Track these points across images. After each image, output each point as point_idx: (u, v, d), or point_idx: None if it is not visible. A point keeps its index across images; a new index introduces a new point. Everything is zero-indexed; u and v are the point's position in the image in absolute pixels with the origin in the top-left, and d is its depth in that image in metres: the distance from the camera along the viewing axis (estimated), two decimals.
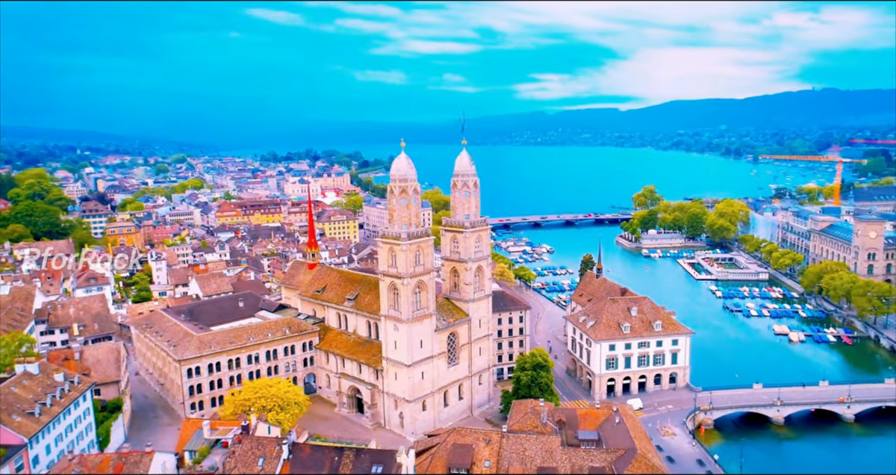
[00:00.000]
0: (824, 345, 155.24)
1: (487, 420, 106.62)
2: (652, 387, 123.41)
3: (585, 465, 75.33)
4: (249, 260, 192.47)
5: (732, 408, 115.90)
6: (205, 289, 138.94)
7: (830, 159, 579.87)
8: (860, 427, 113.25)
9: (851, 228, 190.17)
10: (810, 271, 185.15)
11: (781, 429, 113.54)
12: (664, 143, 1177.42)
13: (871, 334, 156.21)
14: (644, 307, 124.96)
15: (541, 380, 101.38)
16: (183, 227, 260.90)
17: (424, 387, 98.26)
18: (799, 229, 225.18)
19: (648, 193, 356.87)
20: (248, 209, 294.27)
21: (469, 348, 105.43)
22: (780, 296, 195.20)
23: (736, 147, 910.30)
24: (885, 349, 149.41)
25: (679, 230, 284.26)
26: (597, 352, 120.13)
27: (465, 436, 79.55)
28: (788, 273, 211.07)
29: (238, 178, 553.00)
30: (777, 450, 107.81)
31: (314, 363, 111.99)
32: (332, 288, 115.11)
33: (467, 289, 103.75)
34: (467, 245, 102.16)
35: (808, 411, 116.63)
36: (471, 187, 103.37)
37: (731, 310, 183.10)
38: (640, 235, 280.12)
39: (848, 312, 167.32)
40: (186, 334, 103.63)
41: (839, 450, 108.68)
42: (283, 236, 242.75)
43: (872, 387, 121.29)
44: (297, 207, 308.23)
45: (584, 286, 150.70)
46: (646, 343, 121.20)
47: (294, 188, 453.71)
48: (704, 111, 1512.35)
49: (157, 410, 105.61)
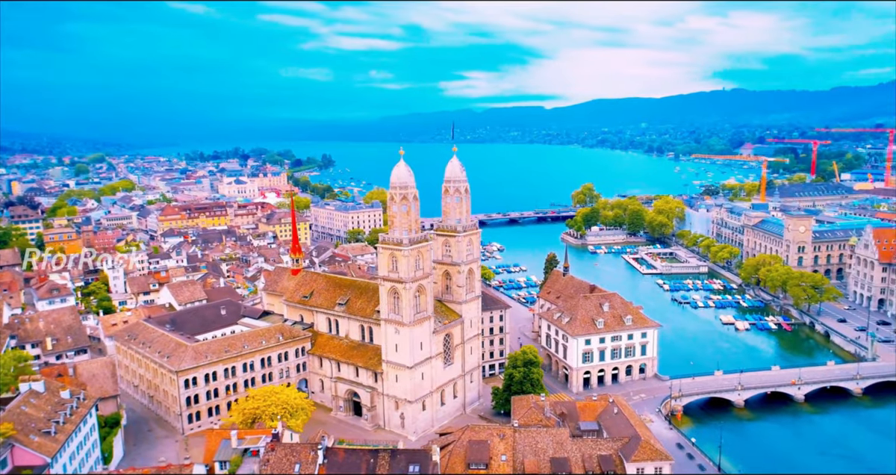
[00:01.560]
0: (766, 332, 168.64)
1: (481, 416, 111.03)
2: (624, 378, 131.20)
3: (594, 454, 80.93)
4: (209, 265, 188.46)
5: (699, 394, 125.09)
6: (178, 297, 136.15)
7: (747, 158, 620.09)
8: (809, 406, 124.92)
9: (782, 223, 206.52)
10: (748, 264, 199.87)
11: (742, 411, 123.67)
12: (590, 140, 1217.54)
13: (806, 321, 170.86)
14: (615, 303, 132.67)
15: (532, 375, 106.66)
16: (126, 233, 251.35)
17: (424, 387, 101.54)
18: (733, 224, 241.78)
19: (587, 191, 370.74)
20: (192, 212, 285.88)
21: (462, 348, 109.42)
22: (721, 287, 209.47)
23: (658, 145, 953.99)
24: (820, 334, 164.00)
25: (620, 226, 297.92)
26: (573, 346, 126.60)
27: (480, 433, 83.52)
28: (726, 266, 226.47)
29: (167, 178, 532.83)
30: (741, 430, 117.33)
31: (307, 368, 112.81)
32: (321, 293, 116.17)
33: (460, 291, 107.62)
34: (459, 249, 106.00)
35: (764, 393, 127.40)
36: (462, 193, 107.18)
37: (679, 302, 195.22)
38: (585, 232, 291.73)
39: (784, 301, 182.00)
40: (179, 345, 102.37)
41: (793, 427, 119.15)
42: (234, 239, 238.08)
43: (817, 369, 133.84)
44: (243, 210, 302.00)
45: (551, 284, 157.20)
46: (618, 336, 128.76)
47: (230, 189, 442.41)
48: (625, 110, 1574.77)
49: (149, 423, 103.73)
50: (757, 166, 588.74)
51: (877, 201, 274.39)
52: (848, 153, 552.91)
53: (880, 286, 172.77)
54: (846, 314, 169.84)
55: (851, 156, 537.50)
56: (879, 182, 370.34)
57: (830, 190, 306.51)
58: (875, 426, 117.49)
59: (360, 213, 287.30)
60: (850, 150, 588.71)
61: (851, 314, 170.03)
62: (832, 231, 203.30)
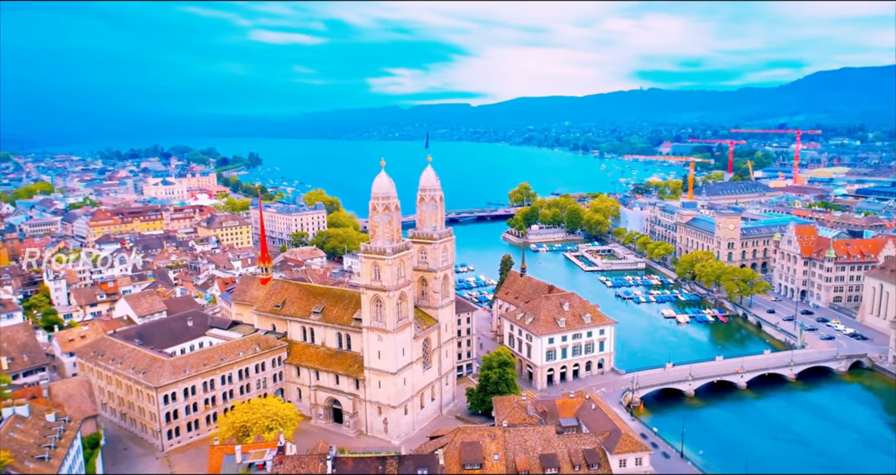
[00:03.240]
0: (704, 324, 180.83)
1: (458, 417, 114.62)
2: (584, 373, 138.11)
3: (579, 449, 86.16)
4: (155, 273, 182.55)
5: (654, 385, 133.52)
6: (137, 309, 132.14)
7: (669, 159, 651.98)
8: (751, 392, 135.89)
9: (713, 221, 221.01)
10: (684, 260, 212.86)
11: (693, 399, 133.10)
12: (516, 138, 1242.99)
13: (739, 312, 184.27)
14: (574, 302, 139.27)
15: (507, 376, 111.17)
16: (56, 240, 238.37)
17: (406, 392, 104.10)
18: (666, 222, 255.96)
19: (524, 190, 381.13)
20: (125, 217, 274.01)
21: (439, 352, 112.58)
22: (659, 282, 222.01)
23: (582, 143, 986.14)
24: (752, 324, 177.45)
25: (559, 225, 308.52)
26: (538, 345, 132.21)
27: (471, 434, 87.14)
28: (662, 262, 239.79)
29: (87, 180, 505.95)
30: (695, 417, 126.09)
31: (283, 378, 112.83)
32: (294, 302, 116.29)
33: (436, 297, 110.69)
34: (435, 255, 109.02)
35: (711, 382, 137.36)
36: (437, 201, 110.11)
37: (622, 297, 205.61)
38: (527, 231, 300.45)
39: (718, 295, 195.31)
40: (154, 359, 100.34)
41: (740, 412, 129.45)
42: (175, 245, 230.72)
43: (756, 358, 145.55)
44: (179, 213, 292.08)
45: (508, 284, 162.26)
46: (579, 334, 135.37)
47: (157, 191, 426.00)
48: (549, 108, 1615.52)
49: (124, 441, 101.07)
50: (677, 164, 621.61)
51: (791, 199, 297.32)
52: (758, 151, 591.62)
53: (802, 278, 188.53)
54: (774, 305, 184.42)
55: (761, 154, 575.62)
56: (789, 180, 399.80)
57: (750, 188, 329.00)
58: (809, 409, 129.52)
59: (303, 215, 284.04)
60: (759, 149, 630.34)
61: (778, 305, 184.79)
62: (758, 228, 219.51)
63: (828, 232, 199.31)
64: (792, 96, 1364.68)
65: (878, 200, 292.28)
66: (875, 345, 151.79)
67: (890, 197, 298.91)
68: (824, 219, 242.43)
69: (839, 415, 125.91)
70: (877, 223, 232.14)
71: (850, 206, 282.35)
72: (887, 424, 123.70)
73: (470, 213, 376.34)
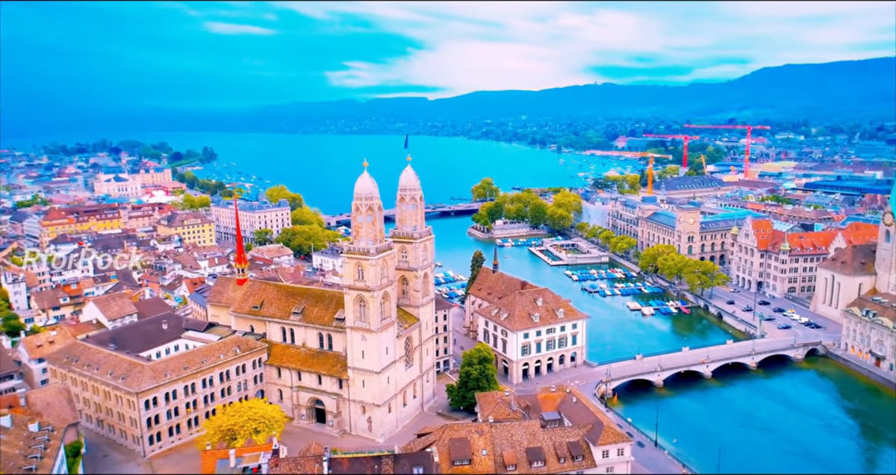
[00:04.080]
0: (668, 316, 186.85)
1: (439, 414, 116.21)
2: (558, 367, 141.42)
3: (563, 441, 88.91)
4: (119, 275, 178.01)
5: (625, 377, 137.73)
6: (107, 312, 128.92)
7: (629, 155, 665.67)
8: (717, 381, 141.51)
9: (674, 216, 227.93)
10: (647, 254, 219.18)
11: (662, 390, 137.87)
12: (475, 132, 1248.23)
13: (700, 304, 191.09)
14: (547, 297, 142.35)
15: (488, 372, 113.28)
16: (7, 240, 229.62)
17: (389, 390, 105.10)
18: (628, 217, 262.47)
19: (486, 185, 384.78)
20: (80, 215, 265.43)
21: (420, 349, 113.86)
22: (623, 276, 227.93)
23: (540, 137, 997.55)
24: (713, 315, 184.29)
25: (523, 220, 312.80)
26: (513, 341, 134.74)
27: (459, 431, 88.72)
28: (624, 255, 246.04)
29: (33, 176, 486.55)
30: (665, 407, 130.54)
31: (263, 379, 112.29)
32: (272, 303, 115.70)
33: (416, 296, 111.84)
34: (416, 255, 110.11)
35: (678, 373, 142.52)
36: (417, 200, 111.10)
37: (589, 291, 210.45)
38: (492, 226, 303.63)
39: (680, 287, 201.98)
40: (133, 364, 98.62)
41: (707, 401, 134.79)
42: (136, 245, 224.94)
43: (720, 348, 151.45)
44: (138, 211, 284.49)
45: (481, 281, 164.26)
46: (553, 329, 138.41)
47: (110, 187, 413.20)
48: (506, 102, 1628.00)
49: (102, 448, 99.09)
50: (633, 159, 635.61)
51: (745, 193, 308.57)
52: (710, 146, 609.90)
53: (759, 270, 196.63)
54: (733, 296, 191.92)
55: (712, 149, 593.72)
56: (741, 174, 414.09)
57: (705, 182, 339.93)
58: (772, 396, 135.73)
59: (267, 212, 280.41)
60: (710, 144, 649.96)
61: (737, 296, 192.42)
62: (716, 222, 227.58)
63: (782, 225, 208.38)
64: (739, 92, 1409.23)
65: (825, 194, 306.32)
66: (828, 333, 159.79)
67: (836, 190, 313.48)
68: (777, 212, 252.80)
69: (799, 401, 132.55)
70: (825, 216, 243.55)
71: (800, 200, 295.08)
72: (843, 409, 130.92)
73: (433, 209, 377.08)
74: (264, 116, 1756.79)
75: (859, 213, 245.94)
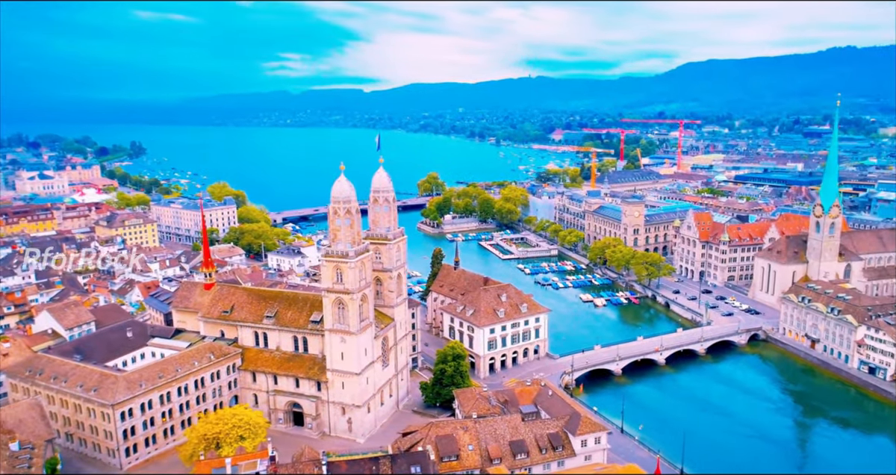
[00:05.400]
0: (619, 306, 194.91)
1: (415, 411, 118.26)
2: (522, 360, 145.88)
3: (544, 433, 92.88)
4: (64, 280, 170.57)
5: (587, 367, 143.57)
6: (63, 321, 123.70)
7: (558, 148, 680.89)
8: (670, 368, 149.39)
9: (619, 209, 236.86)
10: (595, 246, 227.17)
11: (621, 378, 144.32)
12: (413, 125, 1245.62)
13: (648, 294, 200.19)
14: (510, 293, 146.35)
15: (461, 368, 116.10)
16: None
17: (368, 391, 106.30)
18: (574, 210, 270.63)
19: (432, 180, 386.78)
20: (10, 217, 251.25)
21: (395, 349, 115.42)
22: (573, 268, 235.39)
23: (479, 130, 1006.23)
24: (661, 305, 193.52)
25: (471, 214, 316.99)
26: (480, 336, 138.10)
27: (444, 428, 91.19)
28: (573, 248, 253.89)
29: None
30: (625, 394, 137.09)
31: (238, 385, 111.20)
32: (243, 307, 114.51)
33: (391, 296, 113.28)
34: (390, 255, 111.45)
35: (634, 361, 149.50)
36: (390, 202, 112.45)
37: (542, 284, 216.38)
38: (441, 221, 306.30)
39: (628, 278, 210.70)
40: (104, 375, 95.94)
41: (664, 388, 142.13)
42: (75, 247, 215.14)
43: (671, 336, 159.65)
44: (73, 211, 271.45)
45: (443, 277, 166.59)
46: (517, 323, 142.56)
47: (34, 185, 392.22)
48: (443, 94, 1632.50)
49: (74, 463, 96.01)
50: (570, 152, 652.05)
51: (682, 186, 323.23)
52: (643, 139, 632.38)
53: (701, 260, 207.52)
54: (678, 286, 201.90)
55: (645, 142, 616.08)
56: (674, 167, 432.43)
57: (644, 176, 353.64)
58: (721, 380, 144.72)
59: (212, 211, 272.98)
60: (643, 137, 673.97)
61: (682, 286, 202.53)
62: (659, 214, 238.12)
63: (720, 217, 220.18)
64: (666, 86, 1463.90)
65: (755, 186, 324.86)
66: (766, 319, 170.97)
67: (764, 182, 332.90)
68: (714, 205, 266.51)
69: (748, 384, 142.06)
70: (757, 207, 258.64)
71: (732, 192, 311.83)
72: (786, 391, 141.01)
73: None
74: (193, 108, 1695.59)
75: (788, 205, 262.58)
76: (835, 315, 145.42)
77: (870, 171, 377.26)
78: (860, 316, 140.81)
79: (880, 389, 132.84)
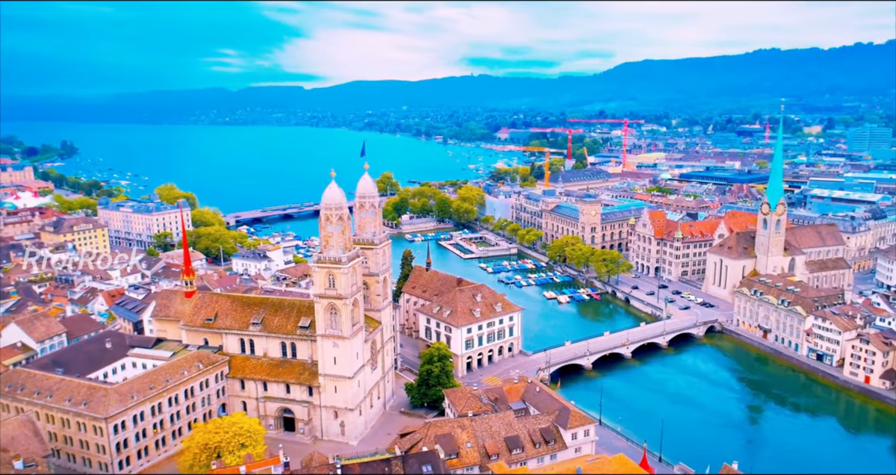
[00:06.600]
0: (581, 303, 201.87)
1: (402, 412, 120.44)
2: (497, 357, 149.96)
3: (536, 428, 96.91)
4: (19, 290, 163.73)
5: (560, 362, 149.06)
6: (33, 334, 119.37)
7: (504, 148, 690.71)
8: (636, 360, 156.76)
9: (576, 208, 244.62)
10: (555, 244, 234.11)
11: (591, 372, 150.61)
12: (357, 123, 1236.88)
13: (608, 290, 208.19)
14: (484, 293, 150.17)
15: (447, 368, 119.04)
16: None
17: (360, 394, 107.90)
18: (531, 209, 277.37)
19: (386, 180, 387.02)
20: None
21: (382, 352, 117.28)
22: (533, 266, 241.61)
23: (424, 128, 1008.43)
24: (621, 300, 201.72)
25: (428, 214, 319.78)
26: (457, 336, 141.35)
27: (442, 427, 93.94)
28: (532, 246, 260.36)
29: None
30: (597, 387, 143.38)
31: (226, 393, 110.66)
32: (227, 314, 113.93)
33: (378, 300, 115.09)
34: (377, 260, 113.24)
35: (602, 355, 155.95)
36: (376, 207, 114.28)
37: (505, 282, 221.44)
38: (400, 221, 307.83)
39: (588, 275, 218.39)
40: (93, 388, 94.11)
41: (632, 380, 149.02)
42: (22, 254, 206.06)
43: (635, 330, 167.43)
44: (14, 217, 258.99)
45: (415, 279, 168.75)
46: (492, 323, 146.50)
47: None
48: (385, 92, 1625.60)
49: None
50: (517, 151, 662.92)
51: (632, 184, 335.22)
52: (587, 138, 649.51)
53: (656, 257, 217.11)
54: (636, 282, 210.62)
55: (590, 141, 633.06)
56: (620, 165, 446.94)
57: (595, 175, 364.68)
58: (685, 370, 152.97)
59: (165, 214, 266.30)
60: (587, 135, 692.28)
61: (639, 281, 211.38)
62: (615, 213, 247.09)
63: (673, 215, 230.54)
64: (604, 85, 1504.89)
65: (699, 184, 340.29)
66: (721, 312, 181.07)
67: (708, 180, 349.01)
68: (663, 202, 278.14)
69: (709, 374, 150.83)
70: (703, 205, 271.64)
71: (678, 190, 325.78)
72: (742, 379, 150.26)
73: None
74: (124, 105, 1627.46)
75: (732, 202, 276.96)
76: (785, 306, 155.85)
77: (801, 169, 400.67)
78: (808, 307, 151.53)
79: (828, 374, 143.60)
